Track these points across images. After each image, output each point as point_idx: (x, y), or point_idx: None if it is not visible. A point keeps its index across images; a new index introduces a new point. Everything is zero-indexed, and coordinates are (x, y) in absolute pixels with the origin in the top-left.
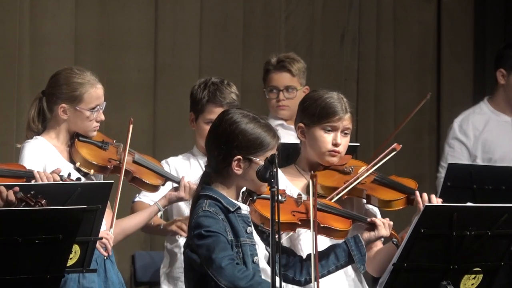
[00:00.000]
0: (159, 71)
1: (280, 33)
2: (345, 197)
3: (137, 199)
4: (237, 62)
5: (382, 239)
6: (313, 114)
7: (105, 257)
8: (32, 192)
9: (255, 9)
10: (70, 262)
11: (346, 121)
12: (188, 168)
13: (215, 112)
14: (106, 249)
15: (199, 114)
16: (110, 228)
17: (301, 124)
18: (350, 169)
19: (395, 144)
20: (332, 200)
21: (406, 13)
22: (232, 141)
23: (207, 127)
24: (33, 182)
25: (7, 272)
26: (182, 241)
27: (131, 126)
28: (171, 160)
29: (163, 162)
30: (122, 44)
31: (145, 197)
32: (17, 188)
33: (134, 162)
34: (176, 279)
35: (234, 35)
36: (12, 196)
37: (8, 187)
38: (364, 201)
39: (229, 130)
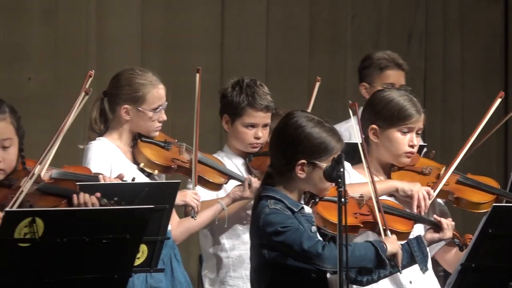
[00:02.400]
0: (225, 71)
1: (346, 33)
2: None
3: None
4: (303, 62)
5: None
6: (388, 117)
7: (194, 218)
8: (115, 199)
9: (321, 9)
10: (137, 262)
11: (420, 122)
12: (240, 166)
13: (254, 116)
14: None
15: (237, 117)
16: (195, 186)
17: (374, 126)
18: (429, 170)
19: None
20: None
21: (473, 13)
22: (297, 146)
23: (245, 131)
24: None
25: (75, 271)
26: (227, 244)
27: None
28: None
29: None
30: (188, 44)
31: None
32: (98, 194)
33: (198, 161)
34: (224, 284)
35: (300, 35)
36: (96, 204)
37: (91, 192)
38: (439, 200)
39: (294, 134)
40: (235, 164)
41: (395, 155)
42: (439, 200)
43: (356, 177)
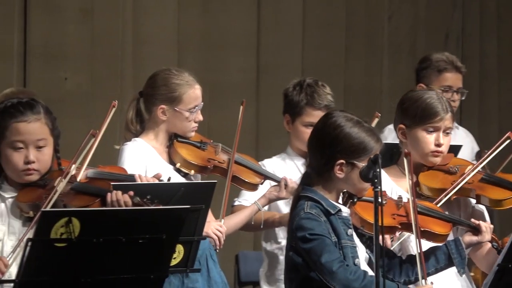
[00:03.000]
0: (262, 71)
1: (383, 33)
2: (454, 197)
3: (236, 202)
4: (340, 63)
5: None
6: (414, 115)
7: (216, 249)
8: (148, 197)
9: (358, 9)
10: (173, 262)
11: (447, 121)
12: (284, 169)
13: (314, 115)
14: (219, 242)
15: (297, 117)
16: (222, 219)
17: (401, 126)
18: (456, 169)
19: (509, 132)
20: (441, 202)
21: (510, 13)
22: (336, 146)
23: (305, 130)
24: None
25: (111, 271)
26: (284, 242)
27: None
28: (267, 162)
29: (259, 164)
30: (224, 45)
31: (245, 201)
32: (131, 193)
33: (234, 161)
34: (278, 281)
35: (336, 35)
36: (129, 202)
37: (124, 191)
38: (473, 201)
39: (333, 134)
40: (296, 165)
41: (422, 155)
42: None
43: (385, 180)
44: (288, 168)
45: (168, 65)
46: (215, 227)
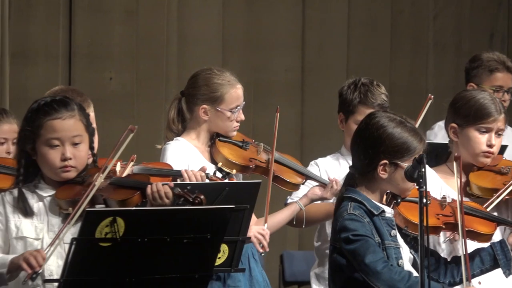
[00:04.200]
0: (307, 71)
1: (428, 32)
2: (506, 198)
3: (289, 200)
4: (385, 62)
5: None
6: (467, 115)
7: (261, 254)
8: (188, 187)
9: (403, 9)
10: (218, 262)
11: (500, 122)
12: (338, 168)
13: (366, 114)
14: (262, 246)
15: (350, 115)
16: (265, 223)
17: (454, 125)
18: (507, 170)
19: None
20: (494, 203)
21: None
22: (379, 146)
23: None
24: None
25: (155, 271)
26: None
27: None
28: (320, 161)
29: (312, 163)
30: (269, 44)
31: (298, 198)
32: (172, 184)
33: (275, 161)
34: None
35: (382, 34)
36: (169, 193)
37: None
38: None
39: (376, 134)
40: (348, 164)
41: (473, 154)
42: None
43: (434, 179)
44: (342, 167)
45: (213, 65)
46: (257, 230)
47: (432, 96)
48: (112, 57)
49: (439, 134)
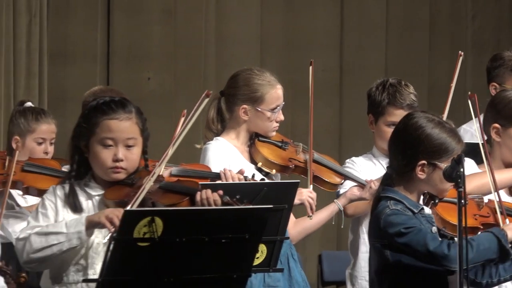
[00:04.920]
0: (345, 71)
1: (466, 32)
2: None
3: (342, 191)
4: (423, 62)
5: None
6: (509, 115)
7: (309, 217)
8: (237, 196)
9: (441, 8)
10: (256, 262)
11: None
12: (373, 168)
13: (396, 115)
14: (311, 208)
15: (379, 116)
16: (310, 185)
17: (496, 125)
18: None
19: None
20: None
21: None
22: (417, 146)
23: (388, 129)
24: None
25: (194, 271)
26: (366, 240)
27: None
28: (356, 159)
29: (348, 161)
30: (307, 44)
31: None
32: (221, 192)
33: (314, 161)
34: (361, 279)
35: (420, 34)
36: (218, 201)
37: (213, 190)
38: None
39: (415, 135)
40: (381, 164)
41: None
42: None
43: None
44: (376, 167)
45: (251, 64)
46: (308, 194)
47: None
48: (150, 57)
49: (465, 136)
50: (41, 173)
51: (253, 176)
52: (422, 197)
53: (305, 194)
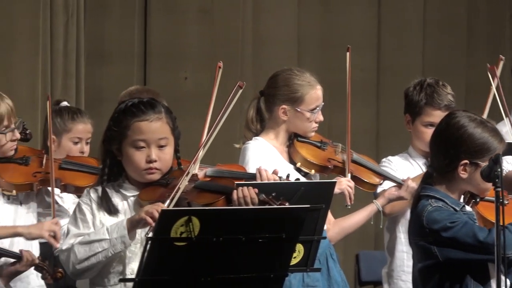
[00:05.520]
0: (382, 71)
1: (505, 32)
2: None
3: (379, 189)
4: (461, 62)
5: None
6: None
7: (348, 206)
8: (273, 194)
9: (479, 8)
10: (293, 261)
11: None
12: (409, 168)
13: (433, 115)
14: (350, 197)
15: (416, 116)
16: (348, 174)
17: None
18: None
19: None
20: None
21: None
22: (459, 146)
23: (425, 130)
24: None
25: (231, 270)
26: (403, 238)
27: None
28: (392, 159)
29: (385, 160)
30: (344, 44)
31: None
32: (256, 190)
33: (353, 161)
34: (396, 279)
35: (457, 34)
36: (255, 199)
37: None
38: None
39: (457, 134)
40: (418, 164)
41: None
42: None
43: None
44: (413, 167)
45: (288, 64)
46: (346, 183)
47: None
48: (187, 57)
49: None
50: (79, 171)
51: (287, 176)
52: (462, 196)
53: (344, 183)
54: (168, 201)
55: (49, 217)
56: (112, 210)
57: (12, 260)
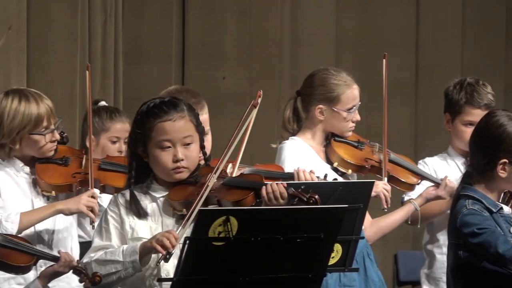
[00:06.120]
0: (421, 70)
1: None
2: None
3: (406, 198)
4: (500, 62)
5: None
6: None
7: (385, 209)
8: (302, 187)
9: None
10: (331, 261)
11: None
12: (447, 168)
13: (473, 114)
14: (386, 201)
15: (456, 115)
16: (384, 177)
17: None
18: None
19: None
20: None
21: None
22: (498, 145)
23: (464, 129)
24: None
25: (269, 270)
26: (441, 241)
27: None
28: (429, 160)
29: (421, 162)
30: (382, 43)
31: (411, 197)
32: (285, 184)
33: (390, 161)
34: (438, 280)
35: (496, 34)
36: (284, 193)
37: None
38: None
39: (496, 133)
40: (456, 164)
41: None
42: None
43: None
44: (450, 167)
45: (326, 64)
46: (383, 186)
47: None
48: (225, 57)
49: None
50: (118, 171)
51: (325, 176)
52: (502, 195)
53: (380, 186)
54: (180, 228)
55: (88, 218)
56: (141, 213)
57: (51, 263)
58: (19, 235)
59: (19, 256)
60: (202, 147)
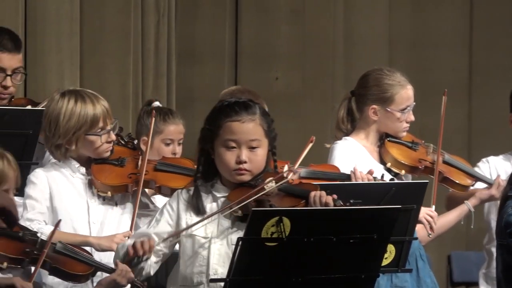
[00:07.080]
0: (474, 70)
1: None
2: None
3: None
4: None
5: None
6: None
7: (429, 235)
8: (351, 201)
9: None
10: (385, 262)
11: None
12: (508, 169)
13: None
14: (430, 227)
15: None
16: (432, 205)
17: None
18: None
19: None
20: None
21: None
22: None
23: None
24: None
25: (321, 271)
26: None
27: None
28: (492, 159)
29: (484, 160)
30: (436, 43)
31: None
32: (335, 196)
33: (444, 162)
34: (495, 280)
35: None
36: (330, 204)
37: (332, 192)
38: None
39: None
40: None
41: None
42: None
43: None
44: (501, 169)
45: (379, 64)
46: (426, 212)
47: None
48: (278, 57)
49: None
50: (174, 172)
51: (382, 176)
52: None
53: (423, 212)
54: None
55: (144, 217)
56: (200, 210)
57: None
58: (80, 246)
59: (77, 265)
60: (272, 153)
